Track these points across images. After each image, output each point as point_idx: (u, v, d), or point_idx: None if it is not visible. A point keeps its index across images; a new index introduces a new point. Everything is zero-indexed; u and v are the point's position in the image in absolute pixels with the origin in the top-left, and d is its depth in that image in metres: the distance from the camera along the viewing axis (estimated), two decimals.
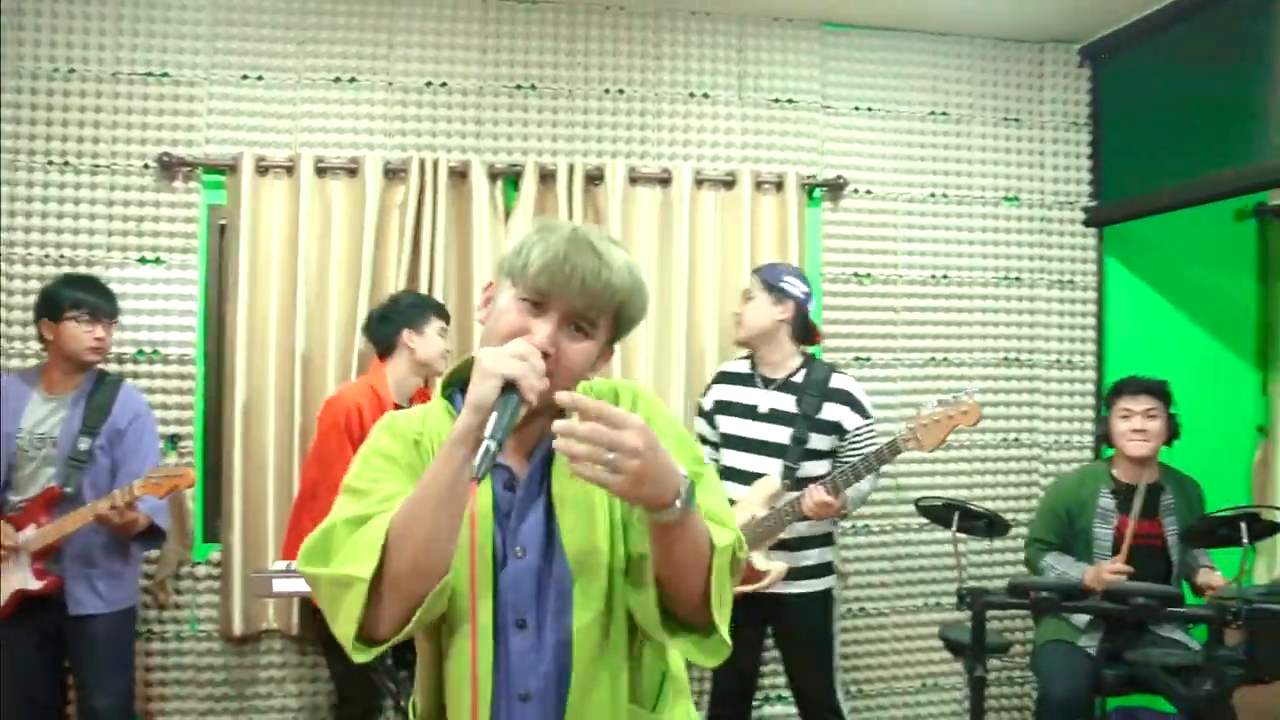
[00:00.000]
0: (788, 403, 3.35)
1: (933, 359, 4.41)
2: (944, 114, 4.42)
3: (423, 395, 3.55)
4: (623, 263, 1.43)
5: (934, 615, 4.38)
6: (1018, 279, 4.50)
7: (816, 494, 3.17)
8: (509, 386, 1.29)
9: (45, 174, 3.82)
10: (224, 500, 3.84)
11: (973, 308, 4.46)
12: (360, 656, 1.35)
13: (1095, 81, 4.54)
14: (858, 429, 3.35)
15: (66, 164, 3.83)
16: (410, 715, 1.57)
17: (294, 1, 3.96)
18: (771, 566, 3.29)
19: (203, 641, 3.91)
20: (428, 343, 3.46)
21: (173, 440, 3.85)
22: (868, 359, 4.35)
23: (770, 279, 3.40)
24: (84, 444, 3.27)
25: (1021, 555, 4.12)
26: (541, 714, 1.44)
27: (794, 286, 3.38)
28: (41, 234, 3.82)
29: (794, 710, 3.52)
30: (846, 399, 3.35)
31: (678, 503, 1.29)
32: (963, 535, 3.65)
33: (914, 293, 4.40)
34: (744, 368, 3.49)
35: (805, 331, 3.41)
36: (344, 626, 1.33)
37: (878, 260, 4.36)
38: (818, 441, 3.32)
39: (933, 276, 4.42)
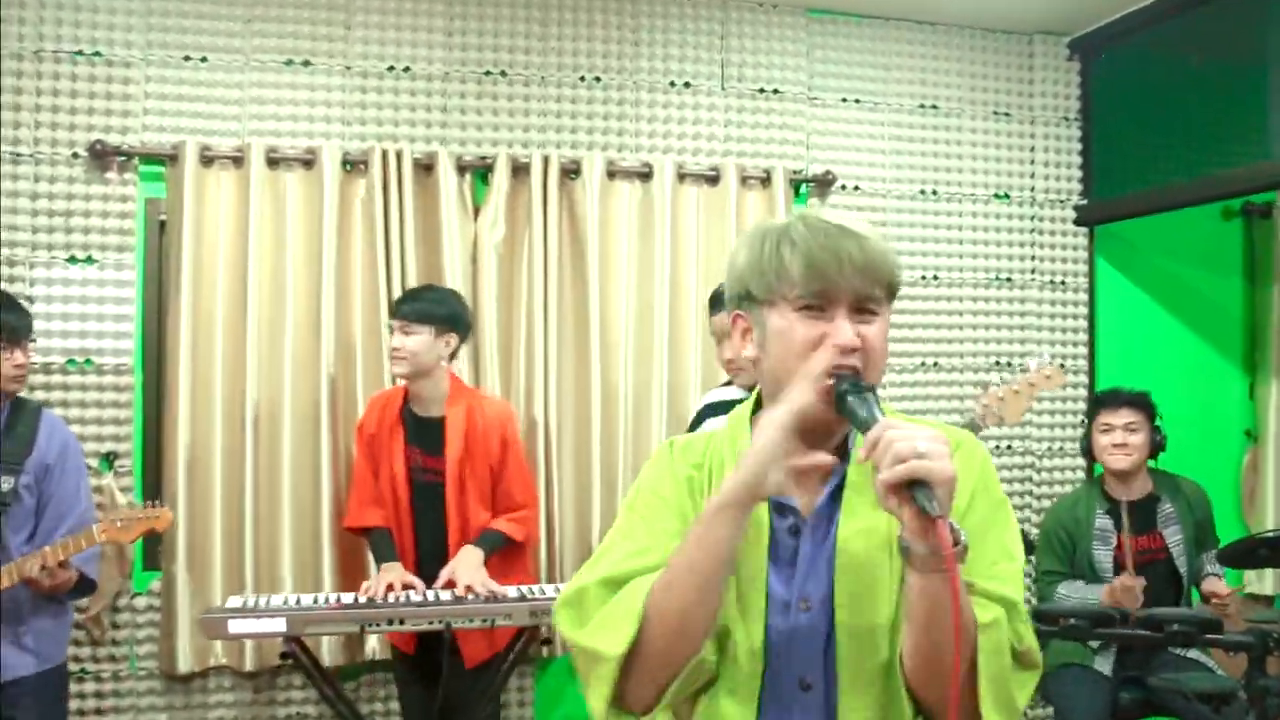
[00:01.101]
0: None
1: (922, 363, 4.22)
2: (934, 107, 4.23)
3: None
4: (871, 230, 1.29)
5: None
6: (1009, 280, 4.33)
7: None
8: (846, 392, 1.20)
9: None
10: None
11: (963, 309, 4.28)
12: None
13: (1085, 76, 4.41)
14: None
15: None
16: None
17: None
18: None
19: (144, 680, 3.56)
20: None
21: (109, 459, 3.48)
22: None
23: None
24: (6, 483, 2.81)
25: (1025, 569, 3.96)
26: None
27: None
28: None
29: None
30: None
31: (960, 546, 1.11)
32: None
33: (905, 294, 4.13)
34: (735, 394, 3.17)
35: None
36: (595, 702, 1.25)
37: None
38: None
39: (923, 277, 4.22)
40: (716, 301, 2.98)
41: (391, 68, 3.73)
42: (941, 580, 1.11)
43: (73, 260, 3.50)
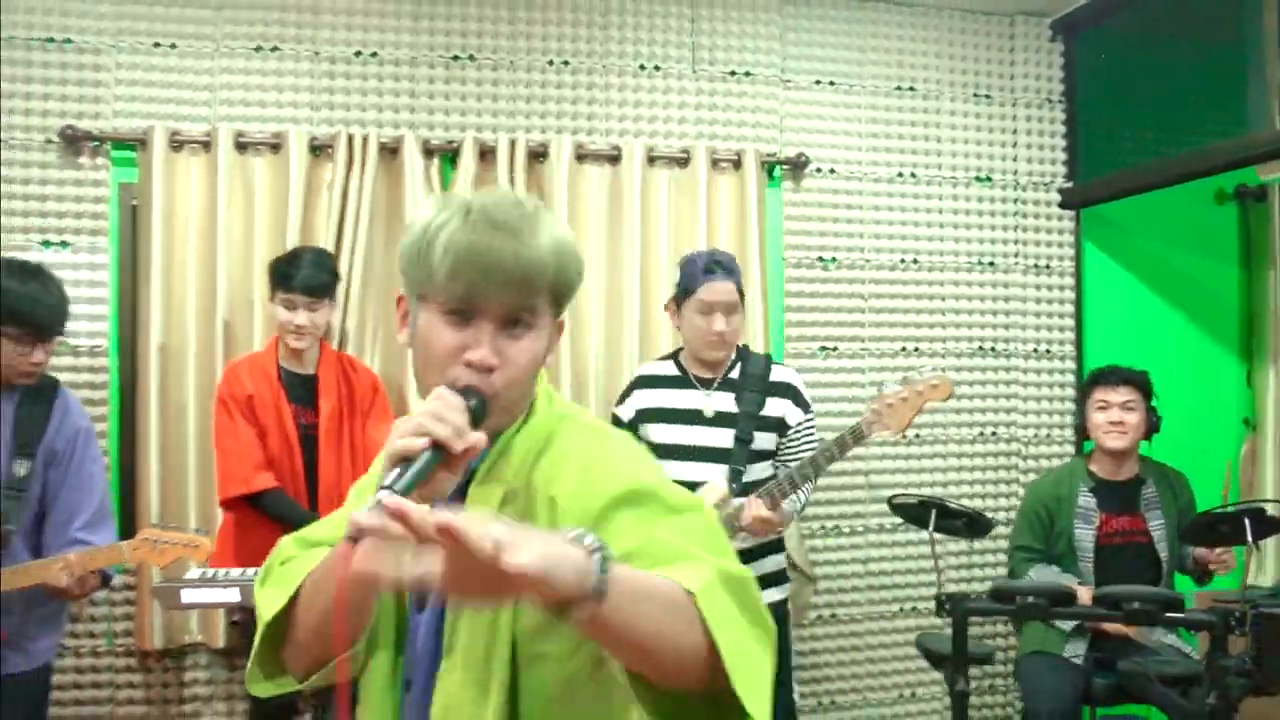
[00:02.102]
0: (728, 402, 3.02)
1: (904, 349, 4.17)
2: (911, 89, 4.20)
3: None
4: (540, 229, 1.20)
5: (910, 621, 4.12)
6: (991, 264, 4.28)
7: (756, 509, 2.85)
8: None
9: None
10: (140, 504, 3.55)
11: (945, 294, 4.23)
12: (256, 689, 1.31)
13: (1068, 57, 4.36)
14: (799, 424, 3.03)
15: None
16: None
17: None
18: None
19: (120, 658, 3.62)
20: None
21: None
22: (834, 349, 4.10)
23: (739, 276, 3.03)
24: (21, 468, 2.68)
25: (1002, 557, 3.93)
26: None
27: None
28: None
29: None
30: (789, 392, 3.04)
31: (588, 588, 0.95)
32: (940, 536, 3.40)
33: (882, 278, 4.16)
34: (670, 369, 3.12)
35: None
36: (253, 657, 1.30)
37: (843, 244, 4.13)
38: (763, 441, 2.99)
39: (902, 261, 4.18)
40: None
41: (359, 52, 3.78)
42: (612, 616, 0.98)
43: (47, 245, 3.58)
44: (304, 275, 3.17)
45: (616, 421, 3.10)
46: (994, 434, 4.27)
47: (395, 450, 1.09)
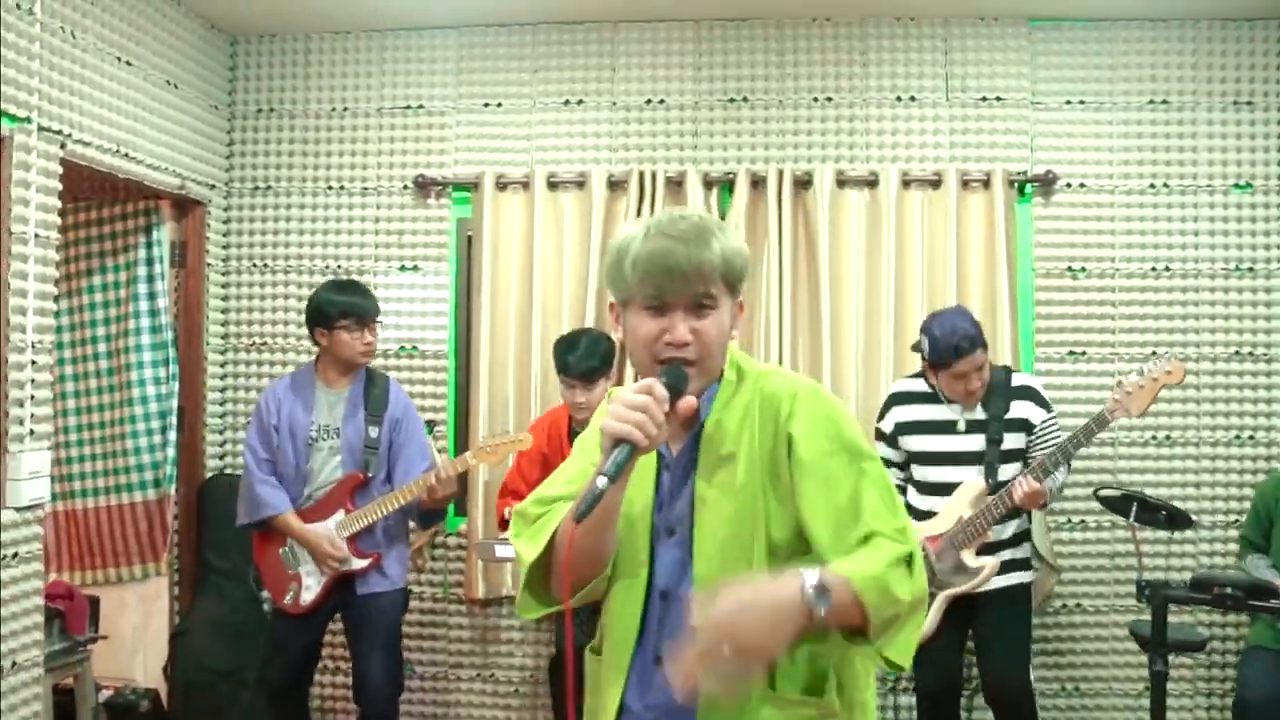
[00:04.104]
0: (976, 411, 3.50)
1: (1153, 352, 4.29)
2: (1164, 102, 4.32)
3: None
4: (705, 234, 1.56)
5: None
6: (1250, 269, 4.32)
7: (1026, 484, 3.29)
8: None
9: (325, 196, 4.52)
10: (470, 478, 4.30)
11: (1199, 300, 4.31)
12: (526, 613, 1.69)
13: None
14: (1044, 423, 3.47)
15: (341, 188, 4.51)
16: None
17: (527, 35, 4.44)
18: (984, 564, 3.40)
19: (453, 604, 4.42)
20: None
21: (430, 426, 4.37)
22: (1083, 354, 4.32)
23: (982, 339, 3.43)
24: (374, 431, 3.59)
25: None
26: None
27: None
28: (323, 248, 4.52)
29: None
30: (1030, 394, 3.50)
31: (819, 614, 1.39)
32: (1150, 529, 3.60)
33: (1132, 285, 4.32)
34: (921, 386, 3.60)
35: None
36: (519, 591, 1.69)
37: (1093, 254, 4.32)
38: (1011, 440, 3.46)
39: (1153, 269, 4.32)
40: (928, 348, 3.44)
41: (649, 101, 4.40)
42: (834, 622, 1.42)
43: (403, 269, 4.47)
44: (577, 363, 3.57)
45: (880, 435, 3.62)
46: (1250, 438, 4.31)
47: (607, 431, 1.47)
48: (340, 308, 3.54)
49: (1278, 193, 4.32)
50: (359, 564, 3.56)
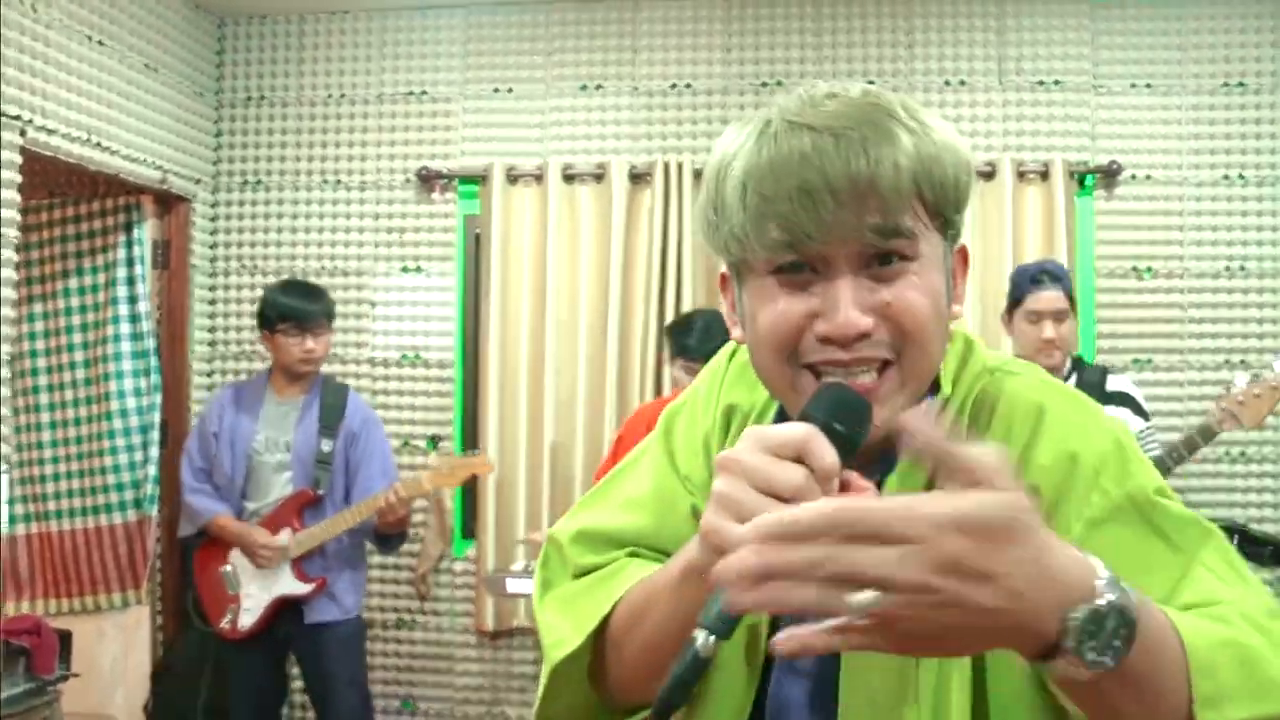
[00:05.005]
0: None
1: (1227, 361, 3.95)
2: (1239, 85, 3.96)
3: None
4: (883, 124, 0.79)
5: None
6: None
7: None
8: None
9: (321, 192, 4.17)
10: (479, 500, 3.98)
11: (1277, 303, 3.96)
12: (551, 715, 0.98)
13: None
14: (1140, 433, 3.04)
15: (338, 182, 4.16)
16: None
17: (540, 14, 4.09)
18: None
19: (460, 635, 4.09)
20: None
21: (433, 440, 4.03)
22: (1149, 360, 3.96)
23: (1068, 284, 3.08)
24: (327, 445, 3.32)
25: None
26: None
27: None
28: (318, 247, 4.17)
29: None
30: (1126, 401, 3.08)
31: (1067, 646, 0.63)
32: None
33: (1204, 286, 3.96)
34: None
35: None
36: (541, 696, 0.97)
37: (1160, 252, 3.97)
38: None
39: (1226, 269, 3.96)
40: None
41: (674, 85, 4.05)
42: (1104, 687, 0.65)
43: (405, 269, 4.12)
44: (699, 344, 3.10)
45: None
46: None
47: (712, 532, 0.70)
48: (280, 310, 3.29)
49: None
50: (302, 588, 3.28)
